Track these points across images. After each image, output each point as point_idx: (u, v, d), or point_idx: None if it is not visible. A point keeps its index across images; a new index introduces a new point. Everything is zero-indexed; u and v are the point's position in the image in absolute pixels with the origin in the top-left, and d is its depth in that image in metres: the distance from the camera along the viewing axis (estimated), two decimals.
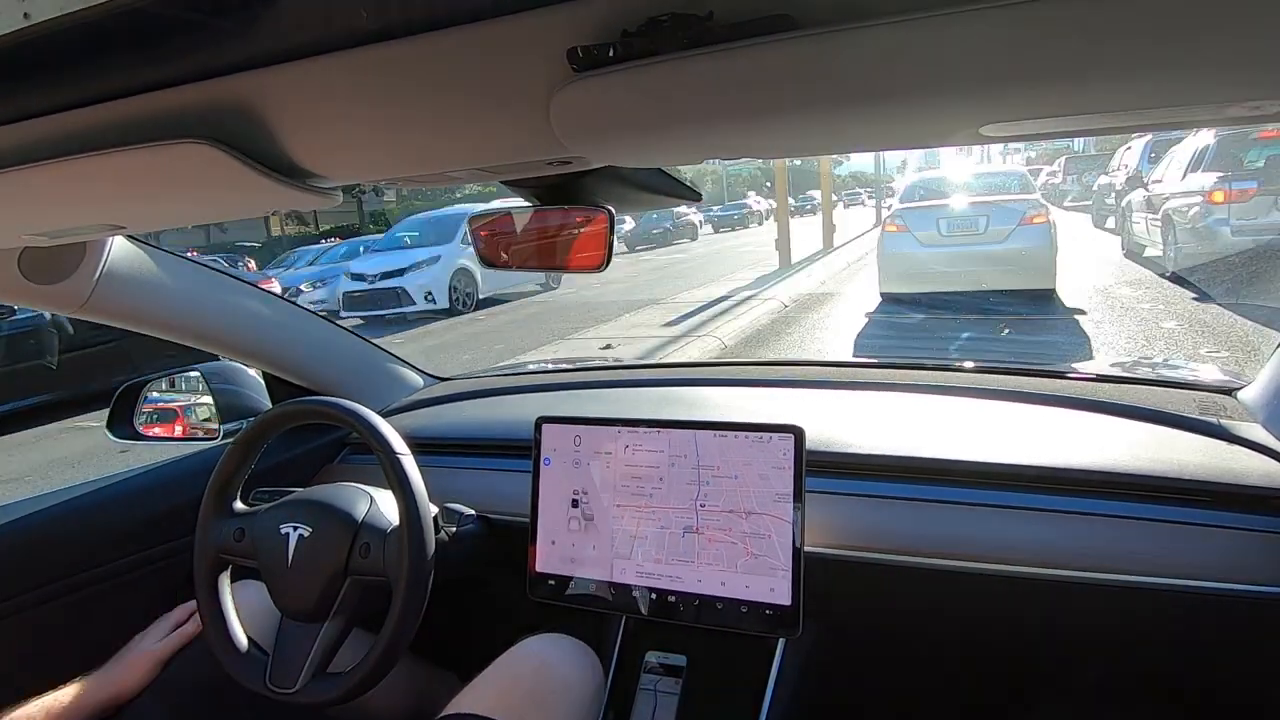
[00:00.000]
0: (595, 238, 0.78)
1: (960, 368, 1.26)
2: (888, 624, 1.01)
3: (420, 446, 0.96)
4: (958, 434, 0.99)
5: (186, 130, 0.51)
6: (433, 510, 0.95)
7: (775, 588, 0.89)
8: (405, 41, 0.45)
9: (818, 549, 0.91)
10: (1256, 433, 0.89)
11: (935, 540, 0.89)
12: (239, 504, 0.99)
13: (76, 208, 0.67)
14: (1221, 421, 0.92)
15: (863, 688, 1.13)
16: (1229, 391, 1.02)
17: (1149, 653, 0.93)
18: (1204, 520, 0.82)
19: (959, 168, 10.58)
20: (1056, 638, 0.94)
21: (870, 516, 0.93)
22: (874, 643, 1.06)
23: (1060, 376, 1.14)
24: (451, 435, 1.26)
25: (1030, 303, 6.53)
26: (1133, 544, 0.83)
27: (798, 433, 0.89)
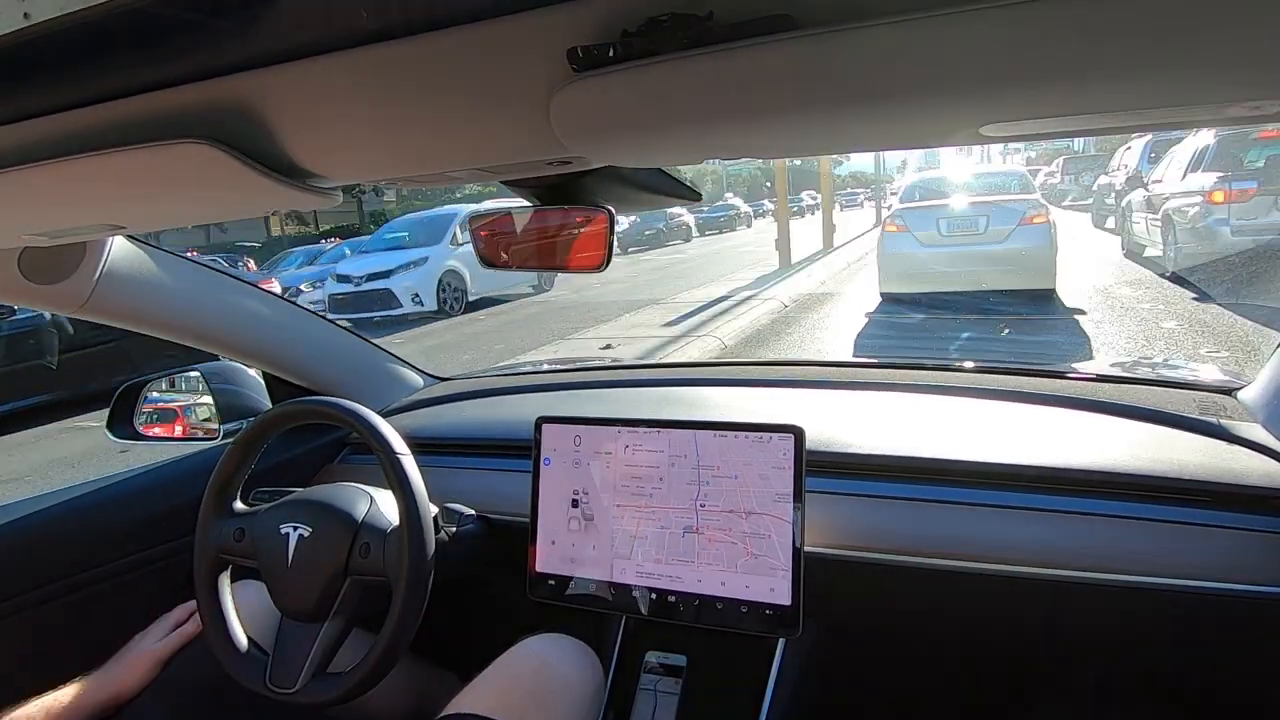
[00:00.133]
0: (595, 238, 0.78)
1: (960, 368, 1.26)
2: (888, 624, 1.01)
3: (420, 446, 0.96)
4: (958, 434, 0.99)
5: (186, 130, 0.51)
6: (433, 510, 0.95)
7: (775, 588, 0.89)
8: (405, 41, 0.45)
9: (818, 549, 0.91)
10: (1256, 433, 0.89)
11: (935, 540, 0.89)
12: (239, 504, 0.99)
13: (76, 208, 0.67)
14: (1221, 421, 0.92)
15: (863, 688, 1.13)
16: (1229, 391, 1.02)
17: (1149, 653, 0.93)
18: (1204, 520, 0.82)
19: (959, 168, 10.57)
20: (1056, 638, 0.94)
21: (870, 516, 0.93)
22: (874, 643, 1.06)
23: (1060, 376, 1.14)
24: (451, 435, 1.26)
25: (1030, 303, 6.53)
26: (1133, 544, 0.83)
27: (798, 433, 0.89)
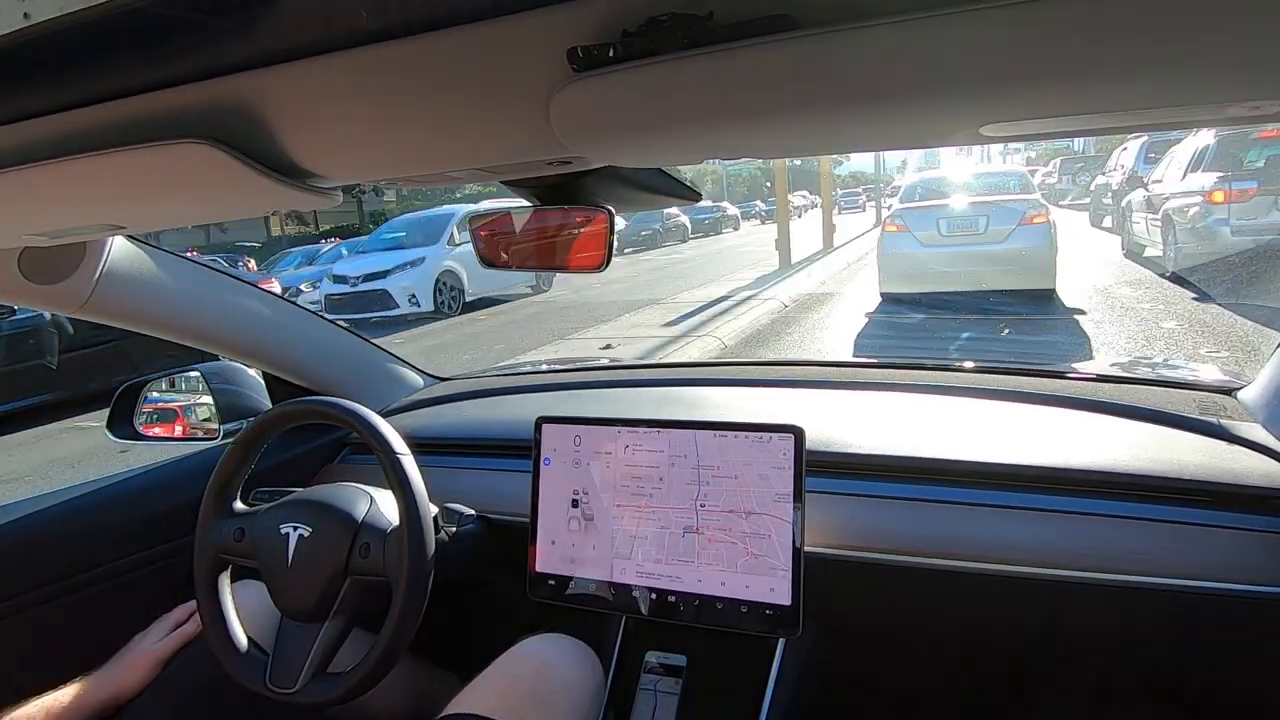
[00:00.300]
0: (595, 238, 0.78)
1: (960, 368, 1.26)
2: (888, 624, 1.01)
3: (420, 446, 0.96)
4: (958, 434, 0.99)
5: (186, 130, 0.51)
6: (433, 510, 0.95)
7: (775, 588, 0.89)
8: (405, 41, 0.45)
9: (818, 549, 0.91)
10: (1256, 433, 0.89)
11: (935, 540, 0.89)
12: (239, 504, 0.99)
13: (76, 208, 0.67)
14: (1221, 421, 0.92)
15: (863, 688, 1.13)
16: (1229, 391, 1.02)
17: (1149, 653, 0.93)
18: (1204, 520, 0.82)
19: (959, 168, 10.59)
20: (1056, 638, 0.94)
21: (870, 516, 0.93)
22: (874, 643, 1.06)
23: (1060, 376, 1.14)
24: (451, 435, 1.26)
25: (1030, 303, 6.53)
26: (1133, 544, 0.83)
27: (798, 433, 0.89)
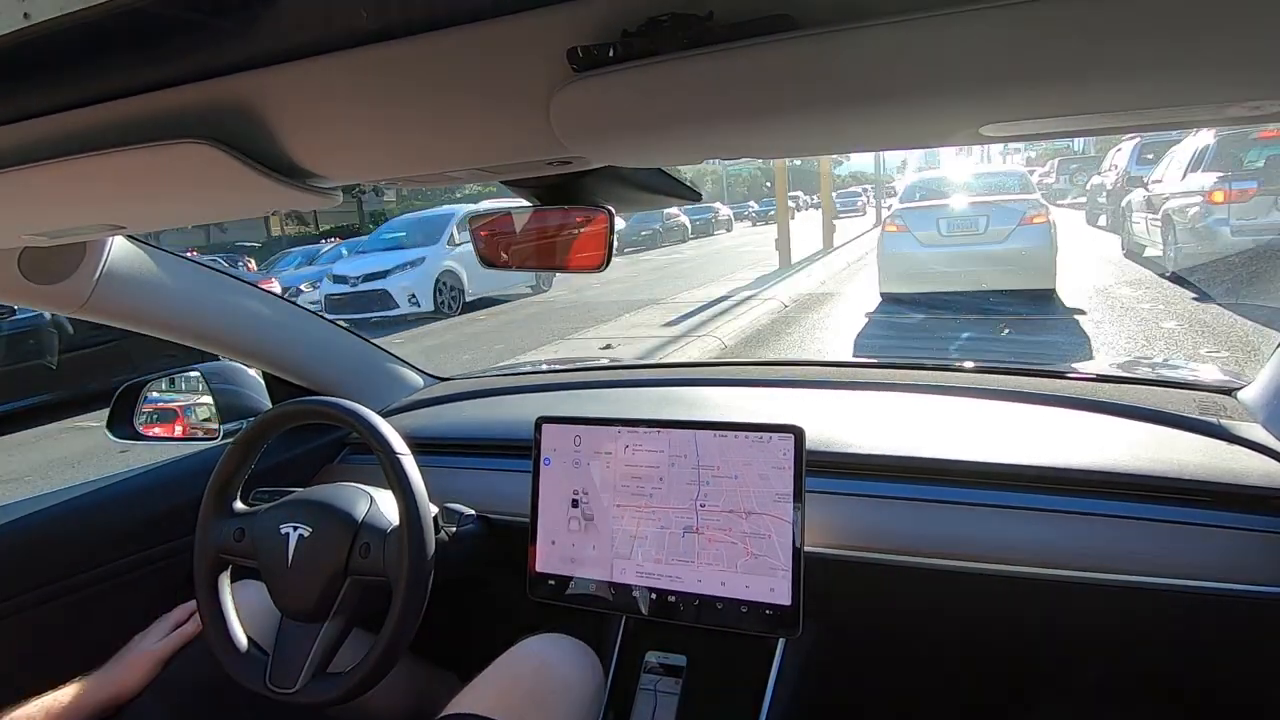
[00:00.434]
0: (595, 238, 0.78)
1: (960, 368, 1.26)
2: (888, 624, 1.01)
3: (420, 446, 0.96)
4: (958, 434, 0.99)
5: (186, 130, 0.51)
6: (433, 510, 0.95)
7: (775, 588, 0.89)
8: (405, 41, 0.45)
9: (818, 549, 0.91)
10: (1256, 433, 0.89)
11: (935, 540, 0.89)
12: (239, 504, 0.99)
13: (76, 208, 0.67)
14: (1221, 421, 0.92)
15: (863, 688, 1.13)
16: (1229, 391, 1.02)
17: (1149, 653, 0.93)
18: (1204, 520, 0.82)
19: (959, 168, 10.58)
20: (1056, 638, 0.94)
21: (870, 516, 0.93)
22: (874, 643, 1.06)
23: (1060, 376, 1.14)
24: (451, 435, 1.26)
25: (1030, 303, 6.53)
26: (1133, 544, 0.83)
27: (798, 433, 0.89)
